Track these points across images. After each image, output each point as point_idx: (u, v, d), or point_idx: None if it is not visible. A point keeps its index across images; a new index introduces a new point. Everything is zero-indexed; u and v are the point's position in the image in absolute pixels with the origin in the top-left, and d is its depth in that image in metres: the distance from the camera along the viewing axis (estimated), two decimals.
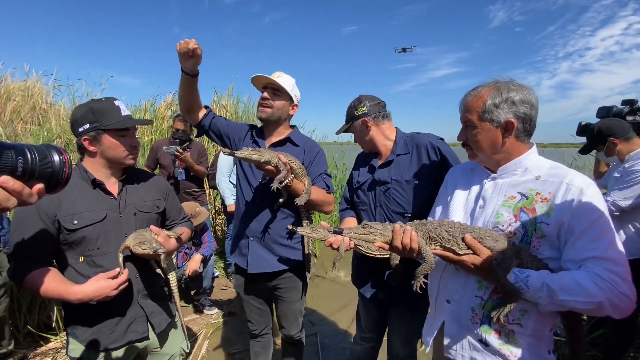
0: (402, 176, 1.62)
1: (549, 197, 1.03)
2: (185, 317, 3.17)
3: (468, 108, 1.14)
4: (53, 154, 0.57)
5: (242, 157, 1.42)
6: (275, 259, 1.77)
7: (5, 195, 0.49)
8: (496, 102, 1.07)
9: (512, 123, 1.06)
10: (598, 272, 0.92)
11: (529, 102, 1.07)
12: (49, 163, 0.56)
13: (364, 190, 1.73)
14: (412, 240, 1.12)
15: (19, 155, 0.51)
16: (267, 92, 1.76)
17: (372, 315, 1.85)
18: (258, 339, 1.99)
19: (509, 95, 1.06)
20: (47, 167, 0.55)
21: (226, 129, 1.84)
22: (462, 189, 1.26)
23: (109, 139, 1.33)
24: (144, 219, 1.44)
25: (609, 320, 2.26)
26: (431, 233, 1.13)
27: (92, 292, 1.19)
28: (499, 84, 1.09)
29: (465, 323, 1.14)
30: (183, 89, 1.67)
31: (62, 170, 0.57)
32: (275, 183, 1.48)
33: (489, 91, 1.09)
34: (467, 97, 1.15)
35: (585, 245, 0.96)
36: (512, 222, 1.07)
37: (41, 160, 0.54)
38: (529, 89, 1.09)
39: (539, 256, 1.04)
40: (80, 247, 1.30)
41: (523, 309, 1.04)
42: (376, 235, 1.16)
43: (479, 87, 1.13)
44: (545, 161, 1.13)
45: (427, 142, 1.62)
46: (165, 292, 1.55)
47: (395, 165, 1.65)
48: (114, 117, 1.34)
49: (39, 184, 0.54)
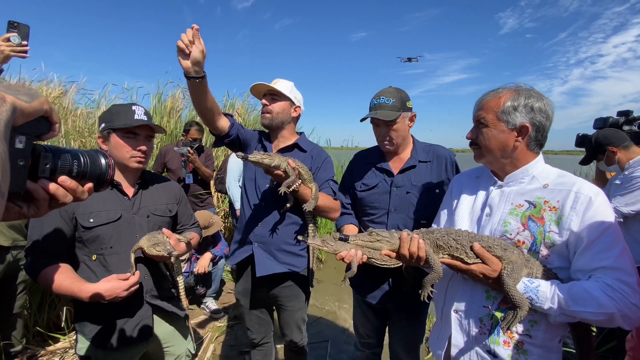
0: (422, 183, 1.62)
1: (558, 206, 1.01)
2: (192, 320, 3.19)
3: (484, 107, 1.12)
4: (101, 158, 0.65)
5: (254, 160, 1.40)
6: (278, 266, 1.74)
7: (63, 192, 0.56)
8: (515, 104, 1.06)
9: (527, 128, 1.06)
10: (609, 283, 0.91)
11: (546, 113, 1.07)
12: (98, 165, 0.63)
13: (376, 193, 1.68)
14: (419, 249, 1.11)
15: (75, 159, 0.59)
16: (265, 99, 1.76)
17: (371, 321, 1.83)
18: (258, 348, 1.97)
19: (528, 101, 1.06)
20: (96, 168, 0.63)
21: (244, 135, 1.83)
22: (468, 195, 1.25)
23: (116, 138, 1.37)
24: (156, 222, 1.47)
25: (619, 332, 2.22)
26: (439, 241, 1.11)
27: (103, 291, 1.21)
28: (520, 89, 1.09)
29: (474, 334, 1.12)
30: (195, 97, 1.49)
31: (107, 172, 0.65)
32: (283, 187, 1.47)
33: (510, 93, 1.08)
34: (486, 97, 1.14)
35: (595, 255, 0.95)
36: (520, 231, 1.06)
37: (92, 163, 0.62)
38: (548, 100, 1.08)
39: (548, 266, 1.03)
40: (94, 245, 1.34)
41: (532, 319, 1.03)
42: (383, 242, 1.15)
43: (500, 89, 1.12)
44: (552, 169, 1.12)
45: (447, 156, 1.66)
46: (173, 294, 1.57)
47: (416, 172, 1.64)
48: (124, 118, 1.37)
49: (89, 183, 0.62)
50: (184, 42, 1.31)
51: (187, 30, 1.31)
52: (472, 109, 1.19)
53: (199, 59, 1.34)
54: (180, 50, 1.33)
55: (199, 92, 1.46)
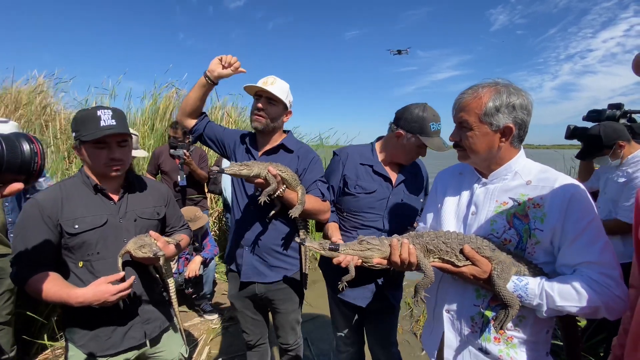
0: (412, 190, 1.72)
1: (541, 203, 1.02)
2: (186, 323, 3.17)
3: (465, 108, 1.08)
4: (23, 144, 0.53)
5: (231, 173, 1.40)
6: (269, 270, 1.74)
7: None
8: (497, 104, 1.03)
9: (511, 129, 1.04)
10: (594, 277, 0.93)
11: (527, 109, 1.05)
12: (18, 153, 0.52)
13: (373, 198, 1.67)
14: (410, 254, 1.10)
15: None
16: (261, 102, 1.69)
17: (349, 320, 1.84)
18: (254, 349, 1.96)
19: (510, 99, 1.03)
20: (16, 157, 0.51)
21: (222, 135, 1.82)
22: (453, 194, 1.25)
23: (87, 149, 1.31)
24: (144, 226, 1.45)
25: (610, 325, 2.23)
26: (428, 245, 1.10)
27: (91, 296, 1.19)
28: (499, 86, 1.05)
29: (466, 333, 1.13)
30: (197, 92, 1.71)
31: (33, 160, 0.53)
32: (263, 197, 1.43)
33: (490, 92, 1.04)
34: (465, 96, 1.09)
35: (579, 250, 0.97)
36: (507, 229, 1.07)
37: (9, 151, 0.50)
38: (527, 94, 1.06)
39: (534, 262, 1.04)
40: (80, 251, 1.31)
41: (521, 315, 1.04)
42: (374, 251, 1.14)
43: (478, 87, 1.07)
44: (533, 164, 1.12)
45: (424, 169, 1.86)
46: (164, 298, 1.55)
47: (407, 182, 1.73)
48: (91, 127, 1.27)
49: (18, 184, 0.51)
50: (227, 61, 1.64)
51: (234, 58, 1.66)
52: None
53: (225, 76, 1.68)
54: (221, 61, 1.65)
55: (203, 91, 1.72)
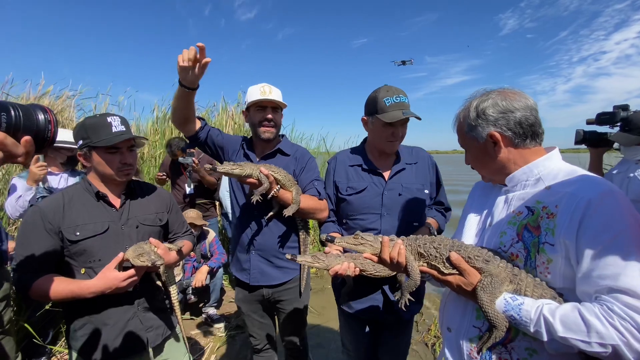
0: (413, 185, 1.62)
1: (555, 212, 0.85)
2: (193, 331, 3.16)
3: (457, 132, 1.10)
4: (38, 113, 0.57)
5: (224, 172, 1.42)
6: (276, 271, 1.75)
7: None
8: (471, 118, 1.01)
9: (495, 135, 0.97)
10: (612, 308, 0.74)
11: (508, 107, 0.95)
12: (34, 120, 0.56)
13: (366, 197, 1.62)
14: (399, 254, 1.07)
15: (2, 111, 0.52)
16: (271, 114, 1.73)
17: (358, 334, 1.77)
18: (261, 353, 1.96)
19: (479, 107, 0.99)
20: (32, 124, 0.55)
21: (220, 141, 1.84)
22: (477, 205, 1.17)
23: (97, 156, 1.33)
24: (146, 232, 1.45)
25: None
26: (420, 249, 1.06)
27: (102, 284, 1.21)
28: (472, 100, 1.03)
29: (465, 357, 1.01)
30: (180, 102, 1.57)
31: (47, 128, 0.57)
32: (255, 196, 1.46)
33: (464, 111, 1.05)
34: (454, 122, 1.11)
35: (599, 272, 0.77)
36: (514, 242, 0.93)
37: (26, 117, 0.55)
38: (508, 90, 0.99)
39: (550, 285, 0.88)
40: (82, 258, 1.32)
41: (530, 347, 0.88)
42: (366, 246, 1.13)
43: (459, 110, 1.09)
44: (563, 166, 0.95)
45: (428, 157, 1.71)
46: (166, 305, 1.55)
47: (406, 174, 1.64)
48: (103, 133, 1.31)
49: (27, 136, 0.54)
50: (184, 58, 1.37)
51: (191, 48, 1.37)
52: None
53: (195, 76, 1.45)
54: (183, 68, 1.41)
55: (185, 101, 1.57)
